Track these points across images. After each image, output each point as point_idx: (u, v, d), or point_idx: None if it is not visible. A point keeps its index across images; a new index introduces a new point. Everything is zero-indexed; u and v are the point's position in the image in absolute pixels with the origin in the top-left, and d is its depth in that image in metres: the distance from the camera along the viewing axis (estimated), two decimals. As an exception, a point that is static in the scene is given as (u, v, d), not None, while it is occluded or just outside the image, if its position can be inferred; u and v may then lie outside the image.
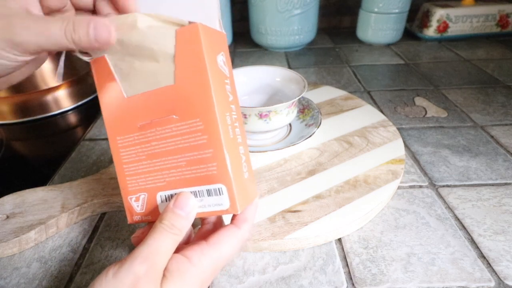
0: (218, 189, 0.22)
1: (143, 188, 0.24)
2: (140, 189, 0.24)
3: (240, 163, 0.23)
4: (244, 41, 0.92)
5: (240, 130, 0.24)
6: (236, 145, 0.23)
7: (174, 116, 0.22)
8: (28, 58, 0.20)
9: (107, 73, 0.23)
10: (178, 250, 0.22)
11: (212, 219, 0.26)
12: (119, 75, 0.23)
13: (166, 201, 0.24)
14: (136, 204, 0.24)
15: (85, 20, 0.19)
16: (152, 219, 0.24)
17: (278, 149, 0.41)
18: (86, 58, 0.23)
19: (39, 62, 0.24)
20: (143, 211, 0.24)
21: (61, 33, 0.19)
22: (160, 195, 0.24)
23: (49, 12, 0.22)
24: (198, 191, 0.22)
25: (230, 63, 0.25)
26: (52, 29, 0.19)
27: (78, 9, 0.23)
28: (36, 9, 0.21)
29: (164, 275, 0.20)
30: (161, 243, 0.21)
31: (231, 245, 0.23)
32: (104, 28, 0.20)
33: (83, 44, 0.19)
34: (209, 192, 0.22)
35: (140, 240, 0.22)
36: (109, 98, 0.24)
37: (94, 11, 0.23)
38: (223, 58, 0.23)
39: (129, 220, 0.25)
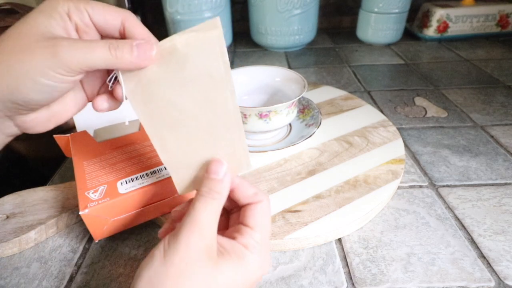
0: (164, 167, 0.33)
1: (103, 182, 0.32)
2: (99, 183, 0.32)
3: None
4: (244, 41, 0.92)
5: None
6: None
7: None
8: (74, 77, 0.20)
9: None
10: (222, 234, 0.23)
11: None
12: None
13: (126, 183, 0.32)
14: (93, 195, 0.30)
15: (128, 39, 0.21)
16: (110, 200, 0.30)
17: (278, 149, 0.41)
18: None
19: (82, 100, 0.24)
20: (101, 197, 0.30)
21: (105, 48, 0.20)
22: (121, 182, 0.32)
23: None
24: (157, 169, 0.33)
25: None
26: (97, 46, 0.20)
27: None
28: (75, 37, 0.21)
29: (220, 251, 0.21)
30: (204, 211, 0.21)
31: (267, 221, 0.24)
32: (147, 45, 0.21)
33: (125, 59, 0.20)
34: (166, 167, 0.29)
35: (182, 214, 0.23)
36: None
37: None
38: None
39: (81, 209, 0.29)
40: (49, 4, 0.20)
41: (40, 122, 0.22)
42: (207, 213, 0.21)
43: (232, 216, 0.26)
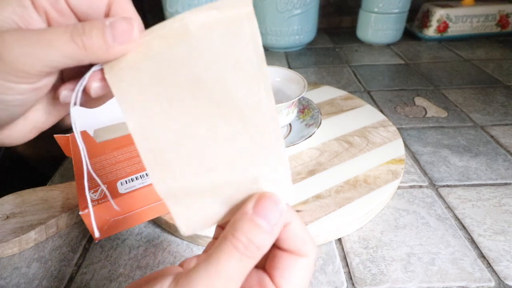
0: None
1: (103, 182, 0.31)
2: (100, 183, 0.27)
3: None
4: (244, 41, 0.92)
5: None
6: None
7: None
8: (32, 84, 0.15)
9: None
10: None
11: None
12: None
13: (126, 183, 0.32)
14: (93, 196, 0.30)
15: (97, 20, 0.15)
16: (108, 200, 0.29)
17: (278, 149, 0.41)
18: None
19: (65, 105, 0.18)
20: (101, 197, 0.30)
21: (66, 36, 0.14)
22: (121, 182, 0.32)
23: None
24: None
25: None
26: (53, 35, 0.14)
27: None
28: (39, 26, 0.16)
29: None
30: (232, 267, 0.14)
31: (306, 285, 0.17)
32: (123, 22, 0.15)
33: (96, 49, 0.14)
34: None
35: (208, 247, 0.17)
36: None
37: None
38: None
39: (81, 209, 0.29)
40: None
41: (16, 136, 0.17)
42: (234, 272, 0.14)
43: None
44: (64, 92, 0.16)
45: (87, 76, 0.15)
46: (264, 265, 0.17)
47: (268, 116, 0.16)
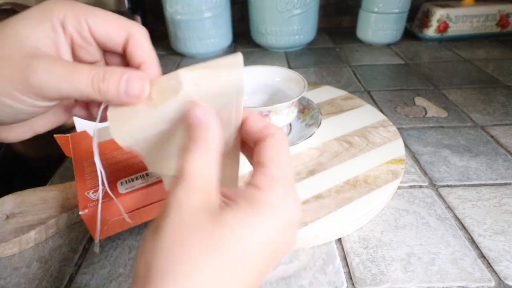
0: None
1: (103, 182, 0.30)
2: (100, 183, 0.29)
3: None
4: (244, 41, 0.92)
5: None
6: None
7: None
8: (47, 104, 0.17)
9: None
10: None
11: None
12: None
13: (126, 183, 0.32)
14: (93, 196, 0.30)
15: (118, 70, 0.17)
16: (109, 200, 0.30)
17: (278, 149, 0.41)
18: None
19: (69, 112, 0.21)
20: (101, 197, 0.29)
21: (88, 80, 0.17)
22: (121, 182, 0.32)
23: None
24: None
25: None
26: (77, 74, 0.16)
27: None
28: (67, 56, 0.18)
29: (224, 203, 0.16)
30: (191, 162, 0.16)
31: (284, 157, 0.18)
32: (138, 81, 0.17)
33: (110, 96, 0.17)
34: None
35: None
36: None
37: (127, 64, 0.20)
38: None
39: (81, 209, 0.29)
40: (42, 9, 0.17)
41: (12, 135, 0.19)
42: (196, 164, 0.16)
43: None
44: (76, 108, 0.20)
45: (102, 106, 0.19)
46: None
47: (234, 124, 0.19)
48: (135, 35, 0.18)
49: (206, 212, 0.15)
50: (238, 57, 0.17)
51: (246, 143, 0.20)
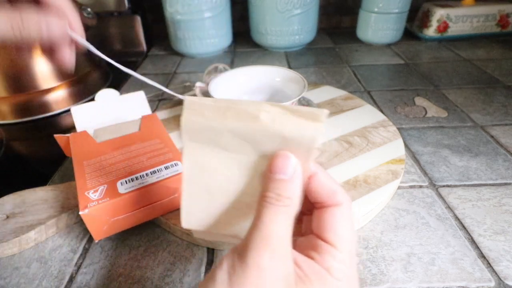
0: (174, 163, 0.34)
1: (103, 182, 0.32)
2: (99, 183, 0.31)
3: None
4: (244, 41, 0.92)
5: None
6: None
7: None
8: None
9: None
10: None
11: None
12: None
13: (126, 183, 0.32)
14: (93, 196, 0.30)
15: (35, 17, 0.18)
16: (109, 200, 0.30)
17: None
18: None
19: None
20: (101, 197, 0.30)
21: (8, 26, 0.18)
22: (121, 182, 0.32)
23: None
24: (157, 169, 0.33)
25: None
26: None
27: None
28: None
29: (298, 277, 0.16)
30: (274, 223, 0.16)
31: (351, 233, 0.17)
32: (57, 22, 0.18)
33: (32, 38, 0.18)
34: (166, 167, 0.33)
35: None
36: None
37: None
38: None
39: (81, 209, 0.29)
40: None
41: None
42: (279, 226, 0.16)
43: (305, 218, 0.20)
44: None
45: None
46: (312, 231, 0.18)
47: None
48: None
49: (284, 282, 0.15)
50: (323, 112, 0.16)
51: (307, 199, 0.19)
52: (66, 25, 0.19)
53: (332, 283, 0.16)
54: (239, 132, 0.17)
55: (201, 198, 0.19)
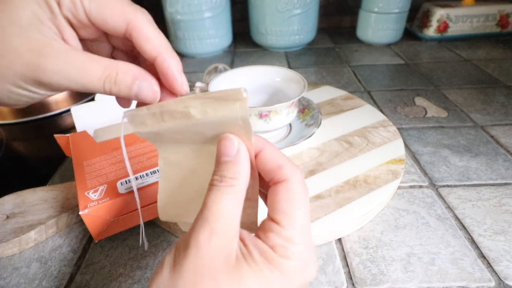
0: None
1: (103, 182, 0.32)
2: (99, 183, 0.32)
3: None
4: (244, 41, 0.92)
5: None
6: None
7: None
8: (50, 92, 0.17)
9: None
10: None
11: None
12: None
13: (126, 183, 0.32)
14: (93, 196, 0.30)
15: (131, 71, 0.17)
16: (109, 200, 0.30)
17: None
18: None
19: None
20: (101, 197, 0.30)
21: (100, 83, 0.17)
22: (121, 182, 0.32)
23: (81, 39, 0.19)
24: (157, 169, 0.32)
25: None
26: (88, 76, 0.16)
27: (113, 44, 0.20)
28: (71, 37, 0.18)
29: (242, 254, 0.16)
30: (218, 204, 0.16)
31: (300, 209, 0.17)
32: (150, 89, 0.18)
33: (120, 96, 0.18)
34: (159, 170, 0.31)
35: None
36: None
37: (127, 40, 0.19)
38: None
39: (81, 209, 0.29)
40: None
41: None
42: (222, 206, 0.16)
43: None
44: None
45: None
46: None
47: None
48: (136, 25, 0.17)
49: (224, 260, 0.15)
50: (241, 89, 0.16)
51: (261, 178, 0.19)
52: (158, 94, 0.18)
53: (277, 261, 0.16)
54: (182, 130, 0.18)
55: (173, 191, 0.21)
